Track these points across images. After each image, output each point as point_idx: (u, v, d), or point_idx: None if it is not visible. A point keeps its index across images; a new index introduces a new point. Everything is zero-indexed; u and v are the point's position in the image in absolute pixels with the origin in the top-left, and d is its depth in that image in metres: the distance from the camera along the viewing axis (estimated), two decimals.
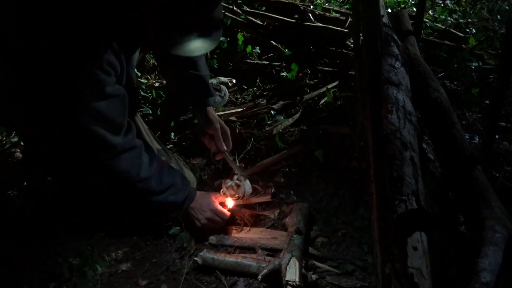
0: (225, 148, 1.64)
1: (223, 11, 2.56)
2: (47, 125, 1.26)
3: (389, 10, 2.79)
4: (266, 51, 2.63)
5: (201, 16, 1.06)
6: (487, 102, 2.07)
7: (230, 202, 1.53)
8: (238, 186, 1.52)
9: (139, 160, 1.31)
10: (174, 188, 1.41)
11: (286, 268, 1.22)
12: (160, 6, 1.03)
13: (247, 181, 1.49)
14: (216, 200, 1.53)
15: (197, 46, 1.10)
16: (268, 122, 2.06)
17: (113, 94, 1.19)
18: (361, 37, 1.64)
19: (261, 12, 2.75)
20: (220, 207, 1.51)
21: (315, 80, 2.38)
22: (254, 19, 2.68)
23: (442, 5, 3.17)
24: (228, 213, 1.52)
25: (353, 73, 2.29)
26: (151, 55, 2.53)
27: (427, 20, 2.77)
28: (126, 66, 1.26)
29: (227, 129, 1.68)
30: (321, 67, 2.46)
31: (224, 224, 1.52)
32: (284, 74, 2.41)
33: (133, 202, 1.46)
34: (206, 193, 1.56)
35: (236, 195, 1.49)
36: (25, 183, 1.74)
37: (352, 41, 2.40)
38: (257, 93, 2.32)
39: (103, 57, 1.12)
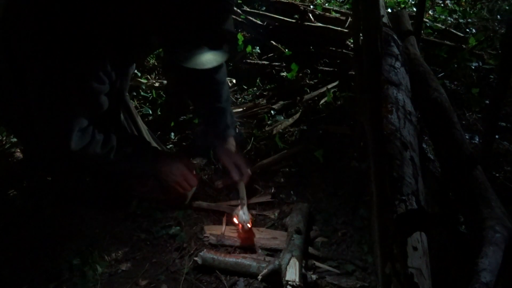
0: (237, 178, 1.61)
1: None
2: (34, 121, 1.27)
3: (389, 10, 2.79)
4: (266, 51, 2.63)
5: (211, 29, 1.06)
6: (487, 102, 2.07)
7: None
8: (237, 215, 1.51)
9: (93, 141, 1.33)
10: (136, 155, 1.43)
11: (286, 268, 1.22)
12: (172, 19, 1.04)
13: (244, 208, 1.47)
14: (187, 164, 1.52)
15: (208, 59, 1.11)
16: (268, 122, 2.06)
17: (100, 105, 1.24)
18: (361, 37, 1.64)
19: (261, 12, 2.75)
20: (190, 173, 1.50)
21: (315, 80, 2.38)
22: (254, 19, 2.68)
23: (442, 5, 3.17)
24: (196, 181, 1.52)
25: (353, 73, 2.29)
26: (152, 55, 2.53)
27: (427, 20, 2.77)
28: (121, 78, 1.29)
29: (241, 157, 1.64)
30: (321, 67, 2.46)
31: (191, 193, 1.53)
32: (284, 74, 2.41)
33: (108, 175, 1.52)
34: (178, 156, 1.56)
35: (240, 225, 1.47)
36: (25, 183, 1.74)
37: (352, 41, 2.39)
38: (257, 93, 2.31)
39: (100, 66, 1.14)
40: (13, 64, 1.21)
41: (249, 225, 1.43)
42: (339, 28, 2.53)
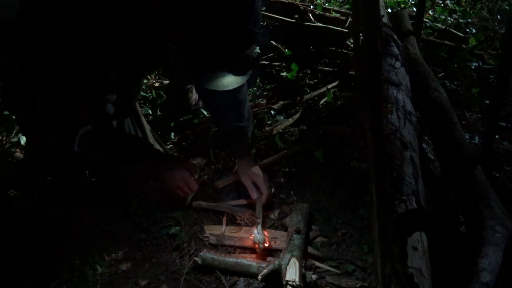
0: (255, 196, 1.59)
1: None
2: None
3: (389, 10, 2.79)
4: (266, 51, 2.63)
5: (236, 56, 1.07)
6: (487, 102, 2.07)
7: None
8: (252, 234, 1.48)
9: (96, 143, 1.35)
10: (137, 157, 1.44)
11: (286, 268, 1.22)
12: (197, 46, 1.04)
13: (259, 228, 1.45)
14: (189, 168, 1.52)
15: (230, 81, 1.12)
16: (268, 122, 2.06)
17: (106, 112, 1.26)
18: (361, 37, 1.64)
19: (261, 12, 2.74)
20: (191, 177, 1.50)
21: (315, 80, 2.38)
22: None
23: (442, 5, 3.17)
24: (197, 185, 1.52)
25: (353, 73, 2.29)
26: None
27: (427, 20, 2.77)
28: (131, 88, 1.31)
29: (260, 176, 1.63)
30: (321, 67, 2.46)
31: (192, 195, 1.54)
32: (284, 74, 2.41)
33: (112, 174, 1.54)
34: (180, 160, 1.56)
35: (255, 244, 1.45)
36: (25, 183, 1.74)
37: (352, 41, 2.39)
38: (257, 93, 2.31)
39: (110, 76, 1.15)
40: (23, 64, 1.21)
41: (266, 245, 1.40)
42: (339, 28, 2.53)
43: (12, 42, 1.20)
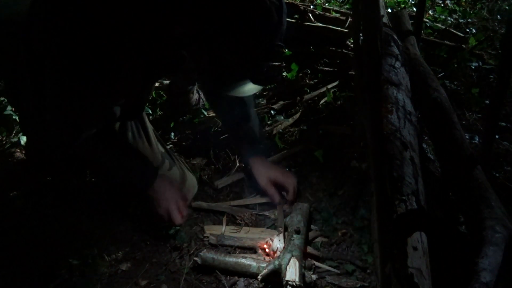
0: (277, 201, 1.53)
1: None
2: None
3: (389, 10, 2.79)
4: None
5: (260, 67, 1.08)
6: (487, 102, 2.07)
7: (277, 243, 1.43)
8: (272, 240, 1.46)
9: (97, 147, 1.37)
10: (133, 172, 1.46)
11: (286, 268, 1.22)
12: (220, 57, 1.05)
13: (281, 236, 1.44)
14: (181, 197, 1.50)
15: (250, 88, 1.14)
16: (268, 122, 2.06)
17: (113, 115, 1.28)
18: (361, 37, 1.64)
19: None
20: (176, 209, 1.46)
21: (315, 80, 2.38)
22: None
23: (442, 5, 3.17)
24: (181, 220, 1.48)
25: (353, 73, 2.29)
26: None
27: (427, 20, 2.77)
28: (140, 93, 1.34)
29: (286, 180, 1.56)
30: (321, 67, 2.46)
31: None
32: (284, 74, 2.41)
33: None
34: (173, 188, 1.52)
35: (268, 251, 1.43)
36: (25, 183, 1.74)
37: (352, 41, 2.39)
38: (257, 93, 2.31)
39: (120, 82, 1.16)
40: (33, 62, 1.21)
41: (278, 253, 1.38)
42: (339, 28, 2.53)
43: (21, 40, 1.20)
